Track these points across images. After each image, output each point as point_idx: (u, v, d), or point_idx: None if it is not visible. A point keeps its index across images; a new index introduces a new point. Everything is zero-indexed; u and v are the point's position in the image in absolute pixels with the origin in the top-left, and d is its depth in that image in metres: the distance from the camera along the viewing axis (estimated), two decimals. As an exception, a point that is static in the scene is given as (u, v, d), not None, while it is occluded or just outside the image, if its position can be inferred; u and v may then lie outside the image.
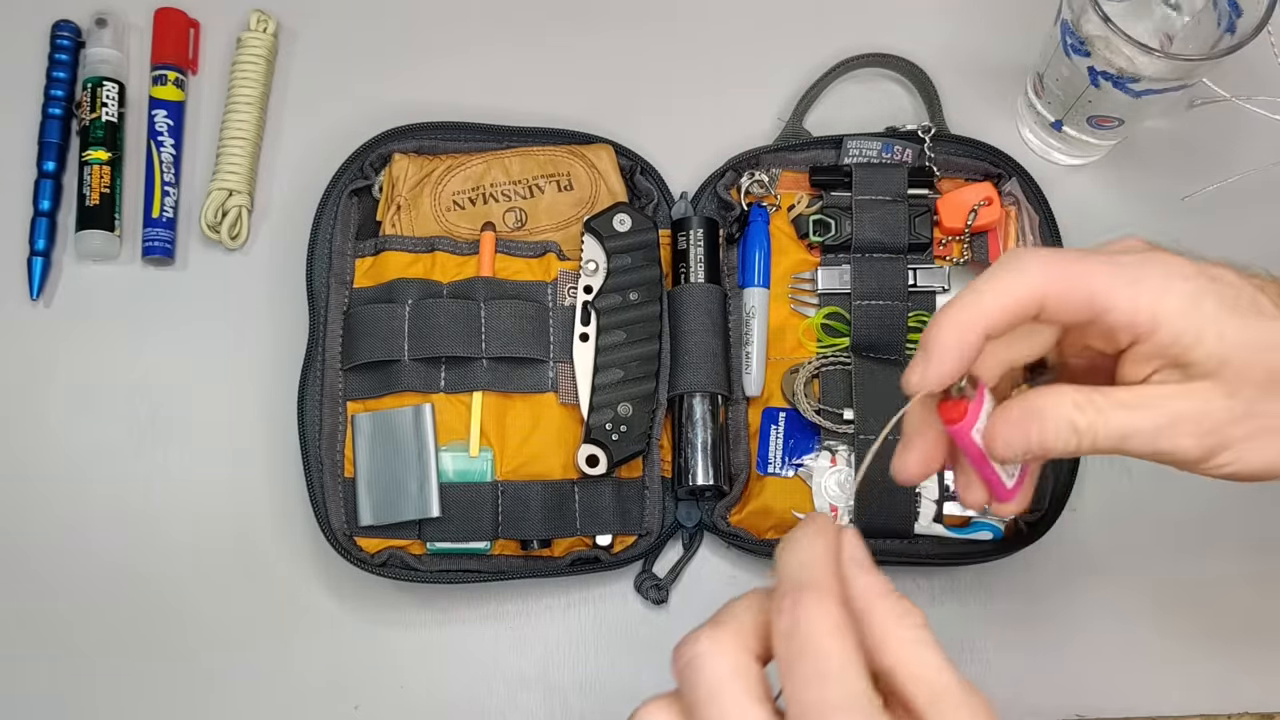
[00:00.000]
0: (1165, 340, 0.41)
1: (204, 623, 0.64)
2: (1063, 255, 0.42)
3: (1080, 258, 0.41)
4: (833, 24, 0.73)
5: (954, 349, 0.40)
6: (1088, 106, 0.65)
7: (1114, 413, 0.41)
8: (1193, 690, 0.64)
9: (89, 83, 0.69)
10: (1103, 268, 0.41)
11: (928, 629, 0.34)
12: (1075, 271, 0.41)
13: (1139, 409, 0.41)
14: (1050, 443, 0.41)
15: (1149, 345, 0.41)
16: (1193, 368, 0.41)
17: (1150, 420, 0.41)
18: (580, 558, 0.63)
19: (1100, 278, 0.41)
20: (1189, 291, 0.41)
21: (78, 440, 0.66)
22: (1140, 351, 0.42)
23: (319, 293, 0.65)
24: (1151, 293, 0.41)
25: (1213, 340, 0.40)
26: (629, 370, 0.63)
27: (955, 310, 0.41)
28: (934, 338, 0.41)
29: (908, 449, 0.44)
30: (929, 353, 0.41)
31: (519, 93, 0.72)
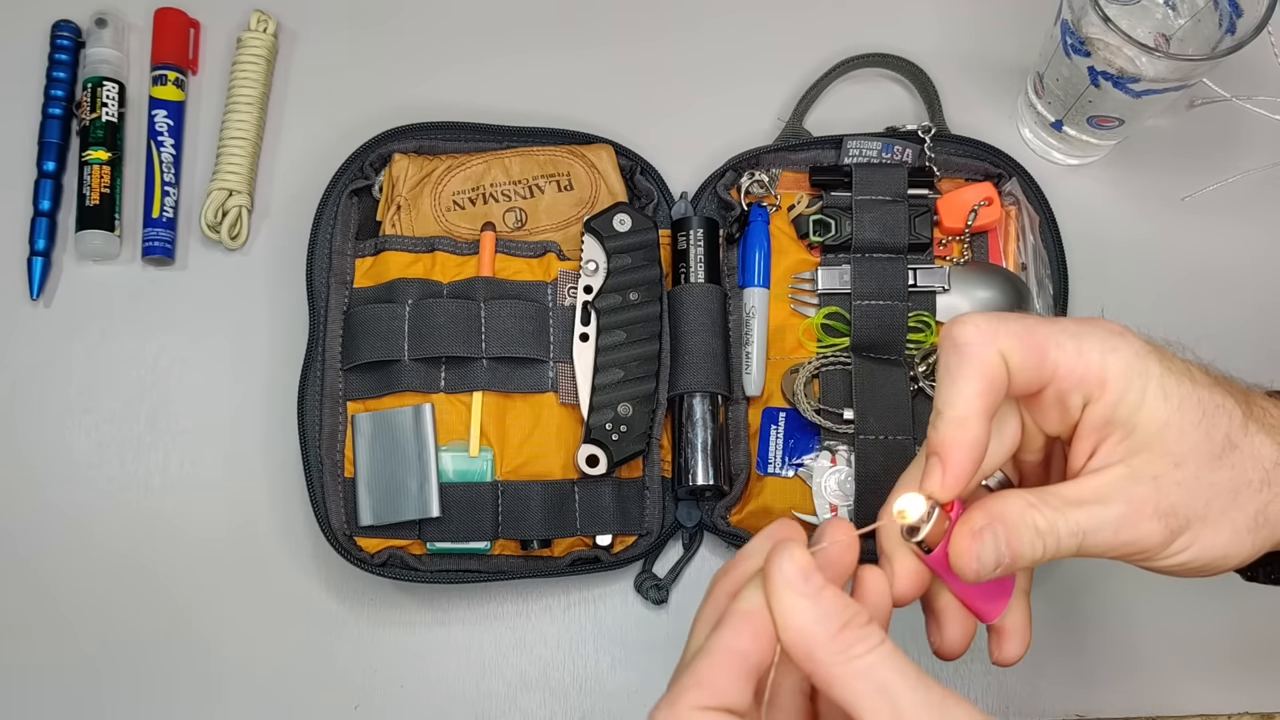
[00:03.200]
0: (1112, 398, 0.40)
1: (204, 623, 0.64)
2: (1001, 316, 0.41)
3: (1019, 317, 0.41)
4: (833, 24, 0.73)
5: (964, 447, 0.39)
6: (1088, 106, 0.65)
7: (1069, 511, 0.40)
8: (1193, 690, 0.64)
9: (89, 83, 0.69)
10: (1048, 326, 0.41)
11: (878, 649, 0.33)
12: (1026, 329, 0.40)
13: (1094, 502, 0.40)
14: (1019, 550, 0.39)
15: (1097, 410, 0.40)
16: (1137, 433, 0.40)
17: (1107, 511, 0.40)
18: (580, 558, 0.63)
19: (1048, 334, 0.40)
20: (1133, 349, 0.40)
21: (78, 440, 0.66)
22: (1088, 421, 0.40)
23: (319, 293, 0.65)
24: (1095, 347, 0.40)
25: (1157, 400, 0.40)
26: (629, 370, 0.63)
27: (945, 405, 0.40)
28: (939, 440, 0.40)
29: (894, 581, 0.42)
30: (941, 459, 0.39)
31: (519, 93, 0.72)
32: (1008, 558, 0.39)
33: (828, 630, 0.33)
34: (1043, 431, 0.43)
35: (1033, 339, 0.40)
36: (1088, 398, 0.40)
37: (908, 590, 0.42)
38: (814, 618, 0.33)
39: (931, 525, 0.39)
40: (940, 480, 0.39)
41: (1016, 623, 0.44)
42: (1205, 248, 0.70)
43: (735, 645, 0.34)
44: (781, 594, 0.34)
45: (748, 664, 0.34)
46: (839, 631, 0.33)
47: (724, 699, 0.34)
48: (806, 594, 0.34)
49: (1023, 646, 0.44)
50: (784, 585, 0.34)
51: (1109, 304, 0.69)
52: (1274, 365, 0.69)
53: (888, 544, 0.42)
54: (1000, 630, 0.44)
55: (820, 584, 0.34)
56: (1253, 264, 0.70)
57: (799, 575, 0.34)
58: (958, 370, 0.40)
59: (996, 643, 0.44)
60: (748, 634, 0.34)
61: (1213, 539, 0.40)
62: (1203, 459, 0.40)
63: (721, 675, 0.34)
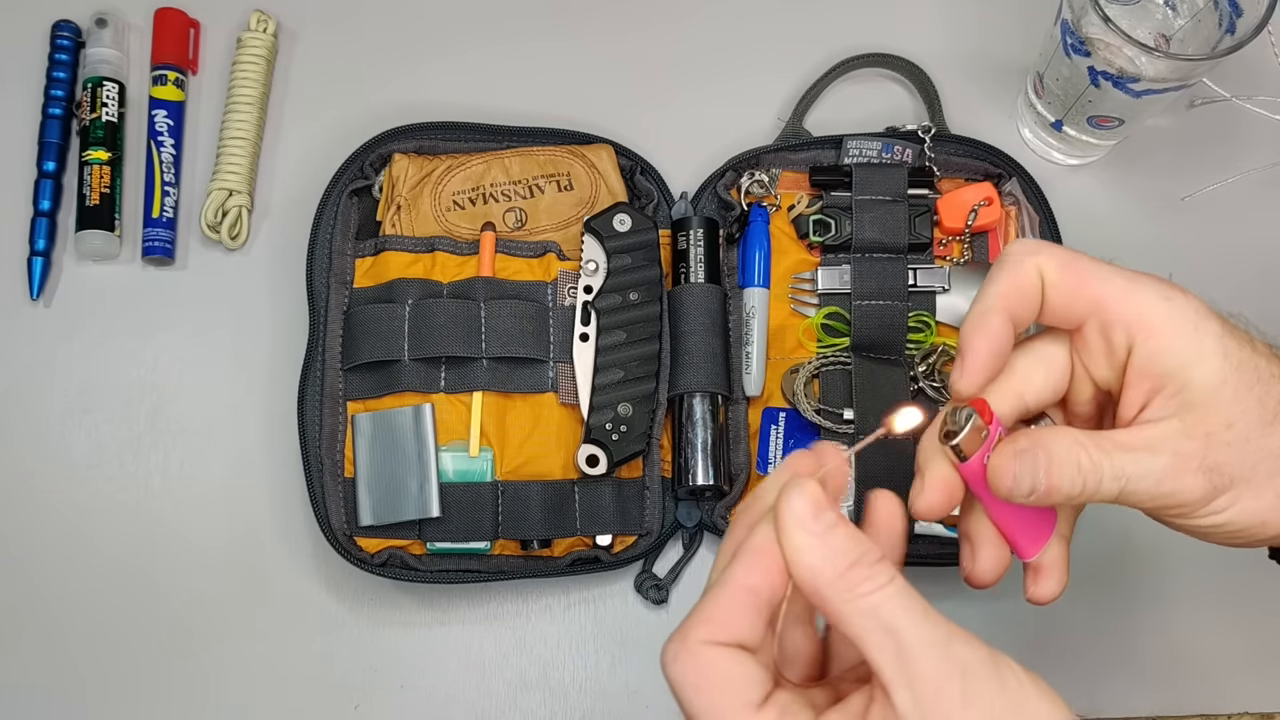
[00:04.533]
0: (1162, 345, 0.40)
1: (204, 623, 0.64)
2: (1052, 244, 0.43)
3: (1070, 249, 0.42)
4: (833, 24, 0.73)
5: (984, 345, 0.41)
6: (1088, 106, 0.65)
7: (1117, 454, 0.40)
8: (1193, 690, 0.64)
9: (89, 83, 0.69)
10: (1097, 263, 0.41)
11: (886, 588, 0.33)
12: (1072, 257, 0.41)
13: (1143, 450, 0.40)
14: (1056, 480, 0.40)
15: (1145, 355, 0.40)
16: (1191, 388, 0.40)
17: (1154, 460, 0.40)
18: (580, 558, 0.63)
19: (1095, 268, 0.41)
20: (1192, 306, 0.41)
21: (78, 440, 0.66)
22: (1138, 367, 0.41)
23: (319, 293, 0.65)
24: (1149, 291, 0.41)
25: (1216, 357, 0.40)
26: (629, 370, 0.63)
27: (974, 303, 0.42)
28: (962, 336, 0.42)
29: (920, 490, 0.43)
30: (961, 352, 0.41)
31: (519, 93, 0.72)
32: (1044, 484, 0.39)
33: (835, 568, 0.34)
34: (1092, 378, 0.43)
35: (1074, 264, 0.41)
36: (1132, 338, 0.41)
37: (937, 500, 0.42)
38: (821, 556, 0.34)
39: (968, 431, 0.40)
40: (960, 371, 0.41)
41: (1054, 560, 0.44)
42: (1205, 248, 0.70)
43: (746, 581, 0.35)
44: (791, 532, 0.34)
45: (759, 599, 0.35)
46: (847, 570, 0.33)
47: (734, 634, 0.34)
48: (815, 532, 0.34)
49: (1058, 586, 0.44)
50: (793, 523, 0.34)
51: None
52: (1274, 365, 0.69)
53: (922, 456, 0.43)
54: (1037, 567, 0.44)
55: (831, 521, 0.34)
56: (1253, 264, 0.70)
57: (809, 513, 0.34)
58: (992, 275, 0.42)
59: (1032, 579, 0.44)
60: (759, 570, 0.35)
61: (1254, 503, 0.40)
62: (1254, 423, 0.40)
63: (732, 611, 0.34)
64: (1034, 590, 0.44)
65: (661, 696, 0.65)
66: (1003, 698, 0.32)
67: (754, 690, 0.34)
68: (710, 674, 0.34)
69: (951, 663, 0.32)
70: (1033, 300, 0.41)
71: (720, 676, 0.34)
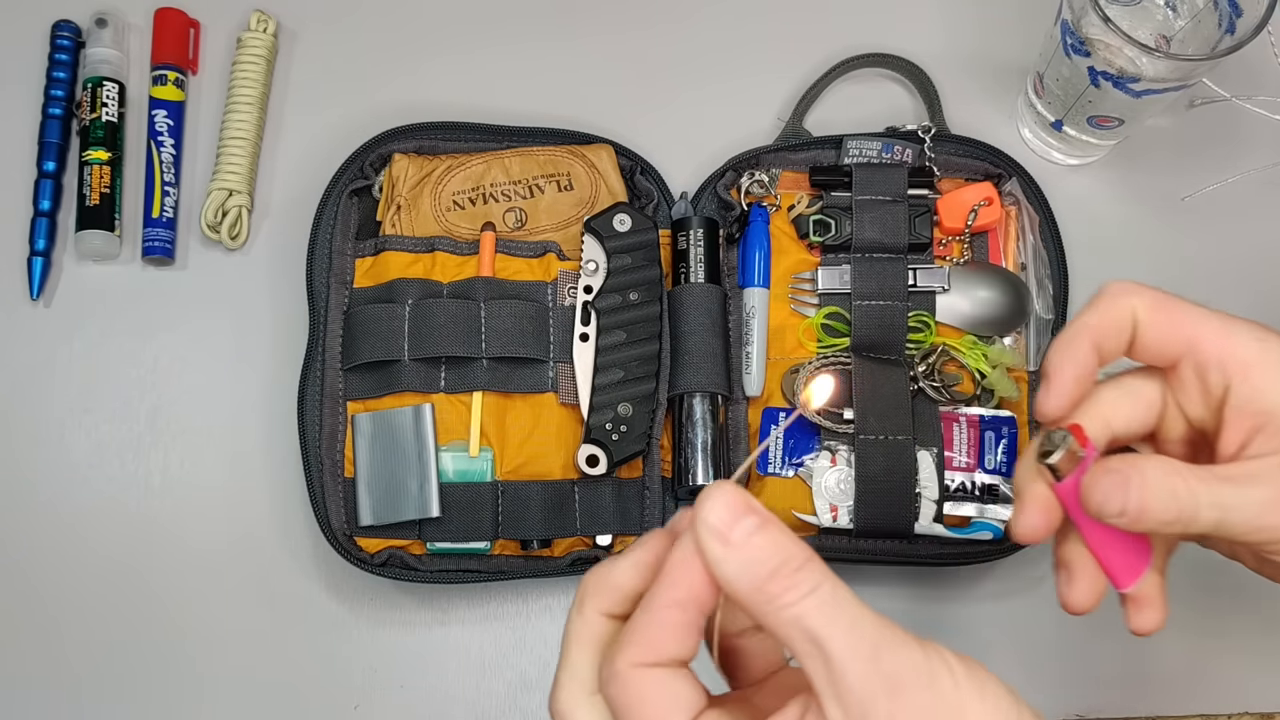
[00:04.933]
0: (1260, 385, 0.41)
1: (204, 622, 0.64)
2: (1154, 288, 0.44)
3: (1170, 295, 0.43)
4: (833, 24, 0.73)
5: (1069, 369, 0.42)
6: (1088, 106, 0.65)
7: (1216, 484, 0.40)
8: (1193, 690, 0.64)
9: (89, 83, 0.69)
10: (1191, 305, 0.43)
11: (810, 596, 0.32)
12: (1166, 298, 0.42)
13: (1243, 482, 0.40)
14: (1149, 503, 0.39)
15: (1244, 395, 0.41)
16: None
17: (1255, 491, 0.40)
18: (580, 558, 0.63)
19: (1189, 310, 0.42)
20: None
21: (78, 440, 0.66)
22: (1237, 406, 0.41)
23: (319, 293, 0.65)
24: (1245, 333, 0.42)
25: None
26: (629, 370, 0.63)
27: (1062, 333, 0.43)
28: (1048, 359, 0.43)
29: (1020, 513, 0.43)
30: (1046, 377, 0.43)
31: (519, 93, 0.72)
32: (1135, 504, 0.40)
33: (753, 581, 0.32)
34: (1185, 416, 0.44)
35: (1168, 305, 0.42)
36: (1229, 378, 0.41)
37: (1035, 520, 0.43)
38: (739, 567, 0.32)
39: (1063, 451, 0.41)
40: (1045, 393, 0.42)
41: (1151, 591, 0.44)
42: (1205, 248, 0.70)
43: (671, 596, 0.34)
44: (707, 543, 0.33)
45: (686, 615, 0.34)
46: (765, 582, 0.32)
47: (662, 653, 0.33)
48: (731, 543, 0.33)
49: (1159, 617, 0.44)
50: (707, 534, 0.33)
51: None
52: (1274, 365, 0.69)
53: (1019, 479, 0.44)
54: (1136, 599, 0.44)
55: (750, 527, 0.33)
56: (1253, 264, 0.70)
57: (726, 521, 0.33)
58: (1084, 308, 0.43)
59: (1133, 610, 0.44)
60: (683, 585, 0.33)
61: None
62: None
63: (661, 630, 0.33)
64: (1135, 622, 0.44)
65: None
66: (935, 706, 0.31)
67: (681, 714, 0.33)
68: (638, 697, 0.33)
69: (879, 675, 0.31)
70: (1121, 335, 0.43)
71: (647, 699, 0.33)
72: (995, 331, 0.66)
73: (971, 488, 0.63)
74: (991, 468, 0.64)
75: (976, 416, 0.65)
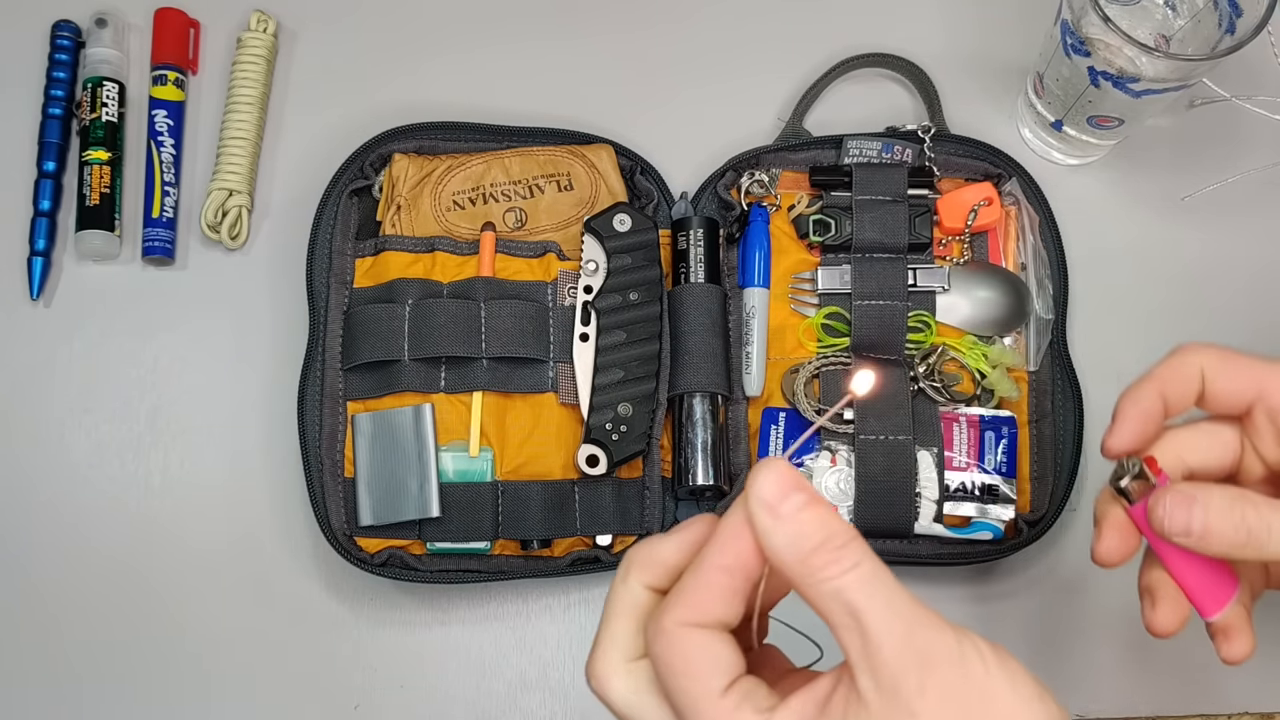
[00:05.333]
0: None
1: (204, 622, 0.64)
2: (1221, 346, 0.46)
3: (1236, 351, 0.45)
4: (833, 24, 0.73)
5: (1132, 410, 0.45)
6: (1088, 106, 0.65)
7: None
8: (1193, 690, 0.64)
9: (89, 83, 0.69)
10: (1257, 357, 0.45)
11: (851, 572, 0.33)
12: (1233, 353, 0.45)
13: None
14: (1213, 523, 0.41)
15: None
16: None
17: None
18: (580, 558, 0.63)
19: (1255, 360, 0.45)
20: None
21: (78, 440, 0.66)
22: None
23: (319, 293, 0.65)
24: None
25: None
26: (629, 370, 0.63)
27: (1131, 384, 0.46)
28: (1117, 405, 0.46)
29: (1098, 537, 0.46)
30: (1114, 418, 0.45)
31: (519, 93, 0.72)
32: (1199, 524, 0.41)
33: (798, 554, 0.34)
34: (1262, 459, 0.46)
35: (1234, 358, 0.45)
36: None
37: (1113, 543, 0.45)
38: (786, 540, 0.34)
39: (1134, 476, 0.43)
40: (1109, 432, 0.45)
41: (1238, 621, 0.45)
42: (1205, 248, 0.70)
43: (720, 563, 0.35)
44: (757, 515, 0.34)
45: (734, 580, 0.35)
46: (809, 555, 0.33)
47: (709, 615, 0.35)
48: (780, 516, 0.34)
49: (1247, 646, 0.45)
50: (758, 506, 0.34)
51: (1109, 304, 0.69)
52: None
53: (1098, 508, 0.46)
54: (1223, 628, 0.45)
55: (799, 503, 0.34)
56: (1253, 264, 0.70)
57: (776, 495, 0.34)
58: (1155, 363, 0.46)
59: (1221, 640, 0.46)
60: (731, 552, 0.35)
61: None
62: None
63: (708, 593, 0.35)
64: (1224, 651, 0.46)
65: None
66: (964, 686, 0.32)
67: (720, 676, 0.34)
68: (681, 654, 0.34)
69: (912, 651, 0.32)
70: (1188, 386, 0.45)
71: (690, 658, 0.34)
72: (995, 331, 0.66)
73: (971, 488, 0.63)
74: (991, 468, 0.64)
75: (976, 416, 0.65)
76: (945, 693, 0.32)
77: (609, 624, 0.37)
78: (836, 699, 0.33)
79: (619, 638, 0.37)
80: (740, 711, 0.34)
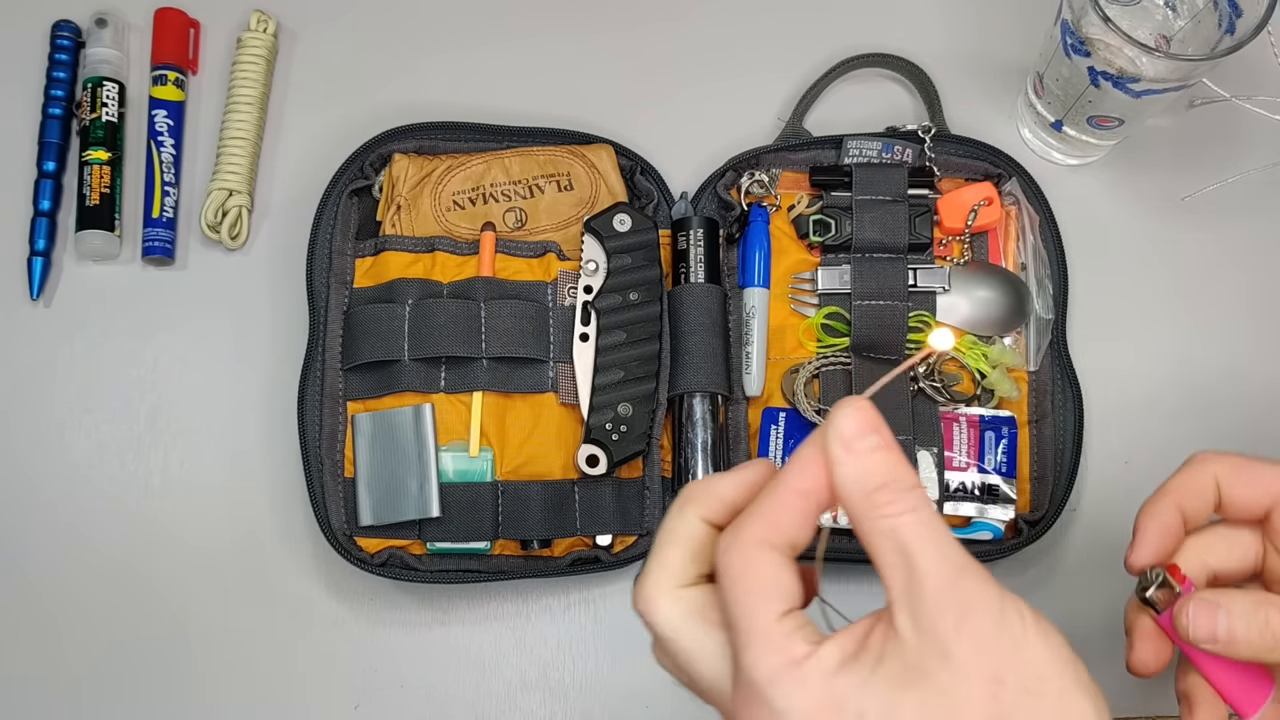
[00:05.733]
0: None
1: (204, 622, 0.64)
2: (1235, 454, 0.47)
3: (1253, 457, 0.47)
4: (833, 24, 0.73)
5: (1150, 525, 0.47)
6: (1088, 106, 0.65)
7: None
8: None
9: (89, 83, 0.69)
10: (1273, 462, 0.46)
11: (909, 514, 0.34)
12: (1247, 460, 0.46)
13: None
14: (1237, 629, 0.42)
15: None
16: None
17: None
18: (580, 558, 0.63)
19: (1270, 466, 0.46)
20: None
21: (78, 440, 0.66)
22: None
23: (319, 293, 0.65)
24: None
25: None
26: (629, 370, 0.63)
27: (1149, 497, 0.48)
28: (1136, 521, 0.47)
29: (1131, 648, 0.47)
30: (1134, 534, 0.47)
31: (519, 93, 0.72)
32: (1223, 632, 0.43)
33: (862, 489, 0.35)
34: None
35: (1248, 466, 0.46)
36: None
37: (1146, 655, 0.47)
38: (854, 474, 0.35)
39: (1159, 586, 0.45)
40: (1130, 548, 0.47)
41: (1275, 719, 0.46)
42: (1205, 248, 0.70)
43: (797, 485, 0.36)
44: (830, 448, 0.35)
45: (808, 503, 0.36)
46: (874, 491, 0.35)
47: (784, 535, 0.36)
48: (853, 451, 0.35)
49: None
50: (834, 439, 0.35)
51: (1109, 304, 0.69)
52: (1275, 365, 0.69)
53: (1128, 619, 0.48)
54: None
55: (872, 445, 0.35)
56: (1253, 264, 0.70)
57: (853, 432, 0.35)
58: (1171, 475, 0.48)
59: None
60: (808, 475, 0.36)
61: None
62: None
63: (783, 513, 0.36)
64: None
65: (661, 696, 0.65)
66: (999, 635, 0.33)
67: (782, 600, 0.35)
68: (750, 570, 0.35)
69: (954, 594, 0.33)
70: (1203, 496, 0.47)
71: (759, 575, 0.35)
72: (995, 331, 0.66)
73: (971, 488, 0.63)
74: (991, 468, 0.64)
75: (976, 416, 0.65)
76: (980, 638, 0.33)
77: (660, 551, 0.38)
78: (875, 635, 0.34)
79: (670, 564, 0.38)
80: (792, 639, 0.34)
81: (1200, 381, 0.68)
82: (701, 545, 0.38)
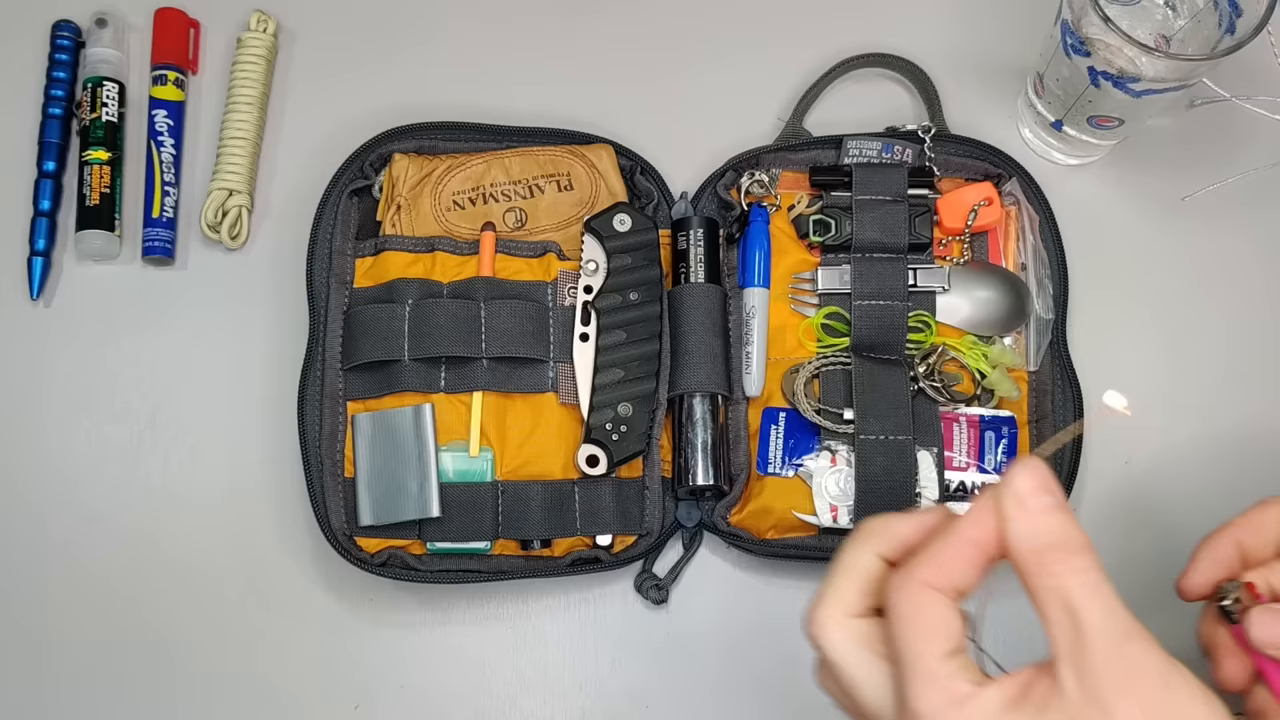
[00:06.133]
0: None
1: (203, 622, 0.64)
2: None
3: None
4: (833, 24, 0.73)
5: (1206, 555, 0.49)
6: (1088, 106, 0.65)
7: None
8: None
9: (89, 83, 0.69)
10: None
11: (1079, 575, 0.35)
12: None
13: None
14: None
15: None
16: None
17: None
18: (580, 558, 0.63)
19: None
20: None
21: (77, 440, 0.66)
22: None
23: (319, 293, 0.65)
24: None
25: None
26: (629, 370, 0.63)
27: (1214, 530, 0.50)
28: (1195, 550, 0.49)
29: (1216, 666, 0.49)
30: (1190, 561, 0.49)
31: (519, 92, 0.72)
32: None
33: (1033, 546, 0.36)
34: None
35: None
36: None
37: (1229, 671, 0.49)
38: (1024, 532, 0.36)
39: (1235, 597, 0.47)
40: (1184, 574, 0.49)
41: None
42: (1205, 248, 0.70)
43: (970, 535, 0.38)
44: (1004, 504, 0.37)
45: (979, 553, 0.37)
46: (1044, 550, 0.36)
47: (953, 580, 0.38)
48: (1026, 509, 0.37)
49: None
50: (1009, 496, 0.37)
51: (1109, 304, 0.69)
52: (1275, 365, 0.69)
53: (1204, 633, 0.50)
54: None
55: (1046, 505, 0.36)
56: (1253, 264, 0.70)
57: (1029, 491, 0.37)
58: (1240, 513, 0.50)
59: None
60: (982, 527, 0.37)
61: None
62: None
63: (954, 559, 0.38)
64: None
65: (662, 696, 0.65)
66: (1161, 698, 0.34)
67: (947, 641, 0.37)
68: (919, 609, 0.37)
69: (1121, 657, 0.34)
70: (1264, 535, 0.48)
71: (927, 615, 0.37)
72: (995, 331, 0.66)
73: (971, 488, 0.63)
74: (991, 468, 0.64)
75: (976, 416, 0.65)
76: (1144, 701, 0.34)
77: (836, 580, 0.40)
78: (1039, 686, 0.35)
79: (844, 593, 0.40)
80: (955, 679, 0.36)
81: (1201, 382, 0.68)
82: (874, 579, 0.40)
